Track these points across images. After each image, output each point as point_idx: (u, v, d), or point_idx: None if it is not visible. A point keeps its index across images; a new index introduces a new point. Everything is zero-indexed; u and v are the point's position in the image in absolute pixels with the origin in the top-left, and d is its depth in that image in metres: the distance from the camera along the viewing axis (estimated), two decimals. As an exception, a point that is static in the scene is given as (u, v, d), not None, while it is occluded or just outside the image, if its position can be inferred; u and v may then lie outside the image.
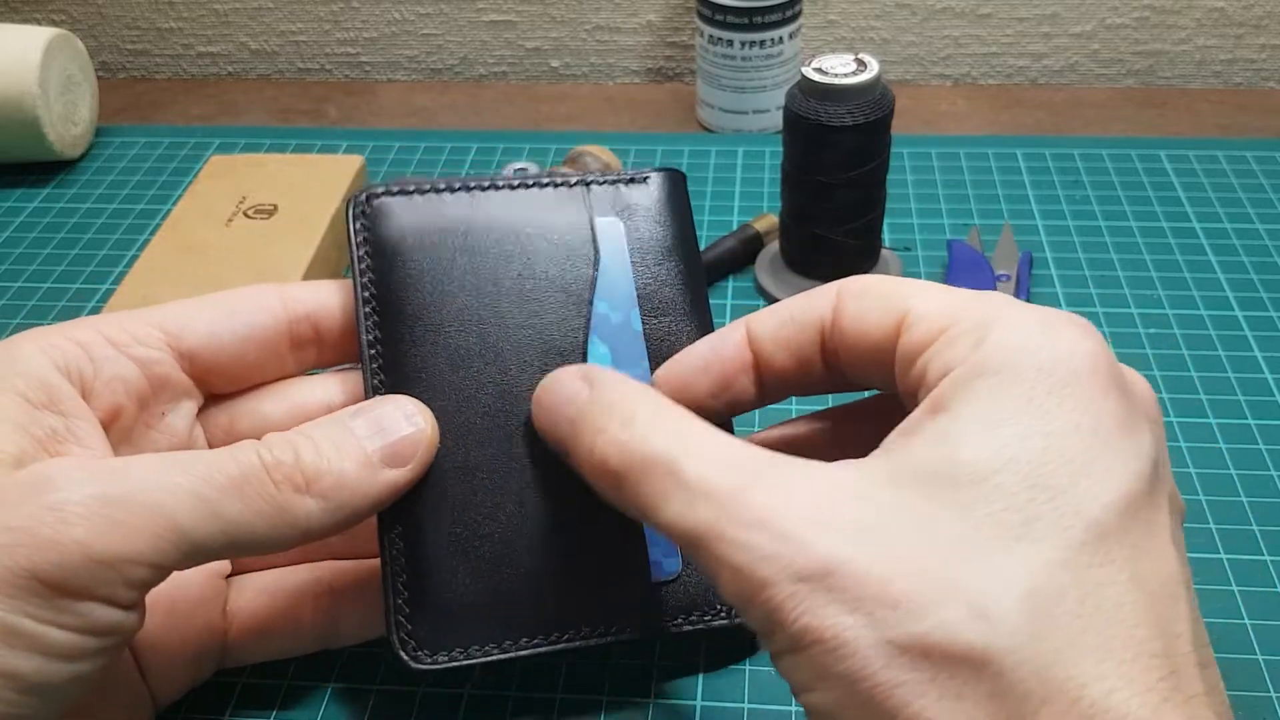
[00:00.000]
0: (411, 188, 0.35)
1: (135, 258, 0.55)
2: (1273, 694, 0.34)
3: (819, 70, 0.46)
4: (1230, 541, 0.39)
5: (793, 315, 0.31)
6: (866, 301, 0.29)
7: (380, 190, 0.35)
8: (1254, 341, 0.48)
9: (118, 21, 0.76)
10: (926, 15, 0.71)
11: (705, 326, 0.36)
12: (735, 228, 0.54)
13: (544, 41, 0.74)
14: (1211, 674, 0.24)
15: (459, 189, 0.35)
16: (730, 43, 0.62)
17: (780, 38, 0.62)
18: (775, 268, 0.52)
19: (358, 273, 0.34)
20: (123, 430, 0.31)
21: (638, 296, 0.35)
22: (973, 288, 0.51)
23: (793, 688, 0.25)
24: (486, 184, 0.36)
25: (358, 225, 0.34)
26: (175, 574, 0.31)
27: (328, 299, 0.34)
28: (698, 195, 0.58)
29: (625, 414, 0.28)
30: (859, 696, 0.23)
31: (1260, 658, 0.35)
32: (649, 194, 0.37)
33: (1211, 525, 0.40)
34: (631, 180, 0.37)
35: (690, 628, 0.33)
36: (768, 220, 0.54)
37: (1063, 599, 0.23)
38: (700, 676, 0.35)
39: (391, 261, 0.34)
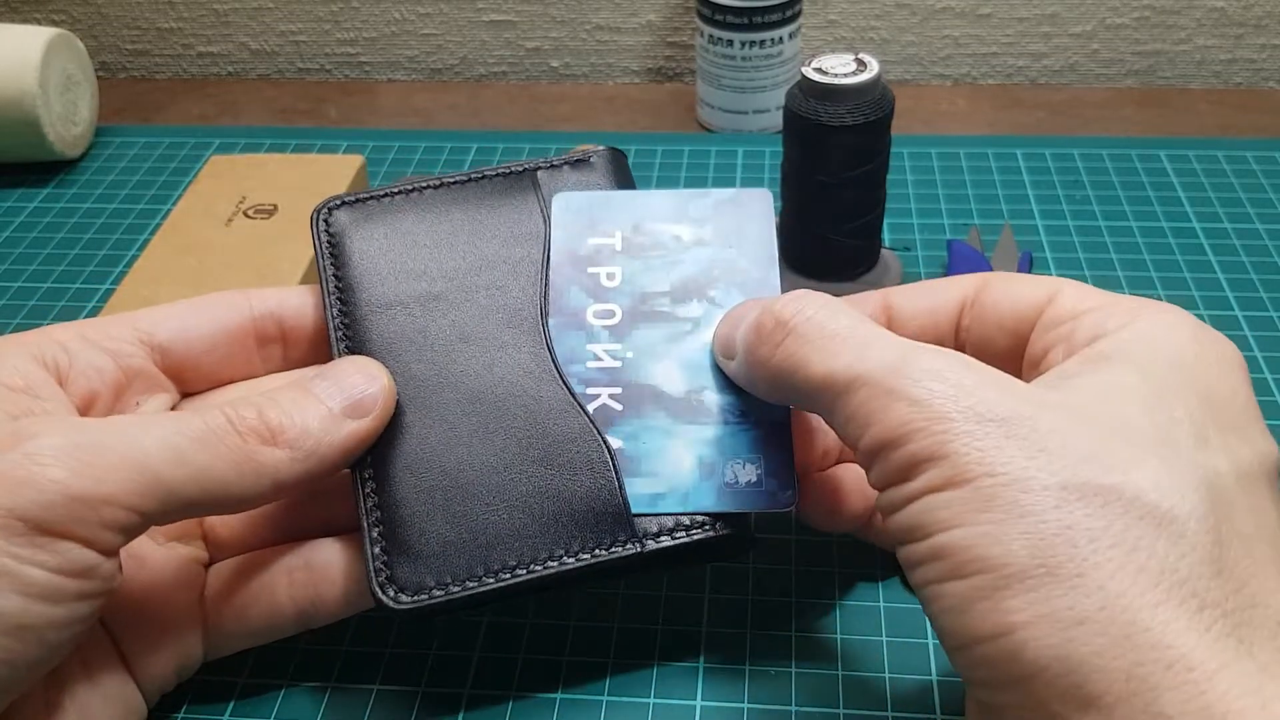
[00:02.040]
0: (368, 195, 0.39)
1: (135, 258, 0.55)
2: None
3: (819, 70, 0.46)
4: (1230, 541, 0.39)
5: (935, 288, 0.34)
6: (1016, 282, 0.32)
7: (339, 201, 0.39)
8: (1254, 342, 0.48)
9: (118, 21, 0.76)
10: (926, 15, 0.71)
11: None
12: (735, 228, 0.54)
13: (544, 41, 0.74)
14: None
15: (411, 190, 0.39)
16: (730, 43, 0.62)
17: (780, 38, 0.62)
18: (775, 268, 0.52)
19: (324, 274, 0.37)
20: (97, 417, 0.33)
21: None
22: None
23: (926, 529, 0.25)
24: (437, 183, 0.40)
25: (322, 233, 0.38)
26: (150, 558, 0.33)
27: (292, 298, 0.37)
28: (698, 195, 0.58)
29: (800, 295, 0.31)
30: (1022, 529, 0.23)
31: (1260, 658, 0.35)
32: (594, 173, 0.40)
33: (1211, 525, 0.40)
34: (578, 162, 0.40)
35: (672, 542, 0.33)
36: (768, 220, 0.54)
37: (1235, 506, 0.25)
38: (700, 676, 0.35)
39: (354, 262, 0.37)
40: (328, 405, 0.32)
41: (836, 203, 0.48)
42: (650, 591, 0.38)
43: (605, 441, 0.34)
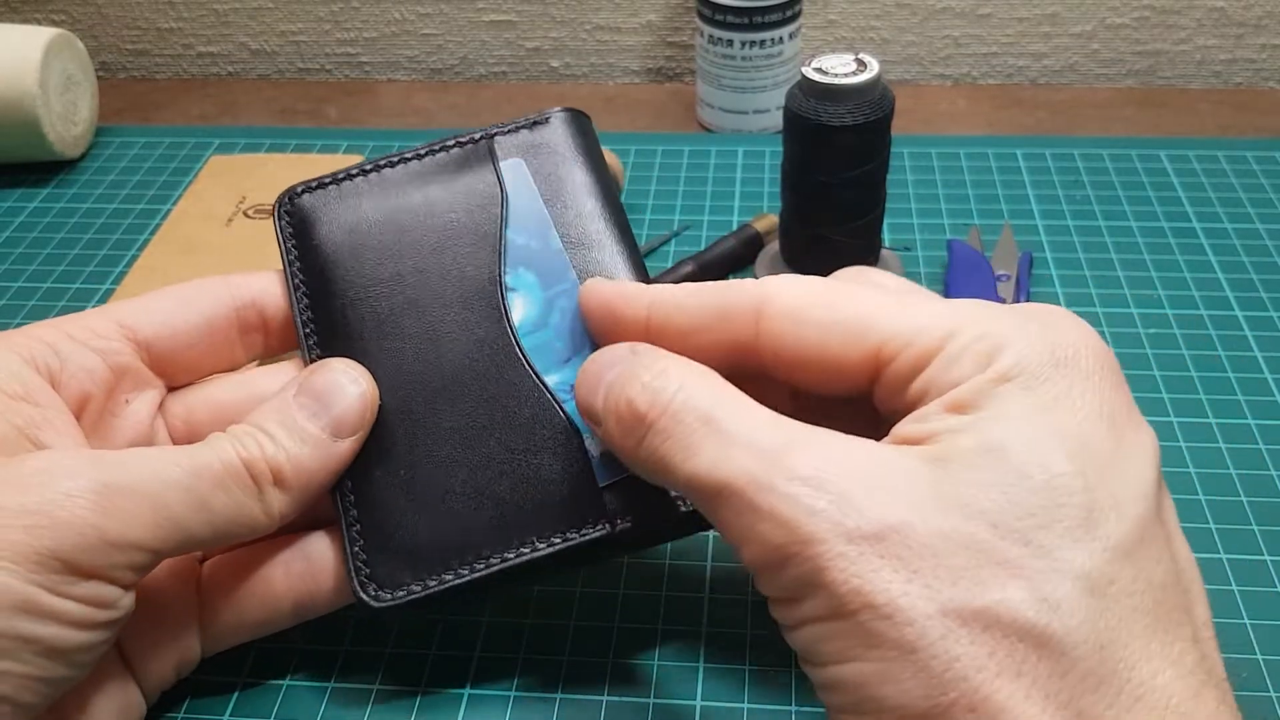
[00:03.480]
0: (328, 180, 0.39)
1: (135, 258, 0.55)
2: (1273, 694, 0.34)
3: (819, 70, 0.46)
4: (1230, 541, 0.39)
5: (706, 329, 0.30)
6: (810, 331, 0.28)
7: (300, 189, 0.38)
8: (1254, 341, 0.48)
9: (118, 21, 0.76)
10: (926, 15, 0.71)
11: (633, 257, 0.37)
12: (735, 228, 0.54)
13: (544, 41, 0.74)
14: (1218, 651, 0.25)
15: (370, 170, 0.39)
16: (730, 43, 0.62)
17: (780, 38, 0.62)
18: (775, 268, 0.52)
19: (287, 264, 0.37)
20: (91, 418, 0.33)
21: (556, 228, 0.37)
22: (973, 287, 0.51)
23: (818, 659, 0.24)
24: (396, 159, 0.39)
25: (283, 224, 0.38)
26: None
27: (271, 286, 0.37)
28: (698, 195, 0.58)
29: (661, 368, 0.28)
30: (911, 667, 0.22)
31: (1260, 658, 0.35)
32: (553, 133, 0.39)
33: (1211, 525, 0.40)
34: (535, 123, 0.39)
35: (639, 520, 0.33)
36: (768, 220, 0.54)
37: (1118, 579, 0.23)
38: (700, 676, 0.35)
39: (316, 249, 0.37)
40: (317, 431, 0.32)
41: (836, 203, 0.48)
42: (650, 592, 0.38)
43: (571, 421, 0.34)
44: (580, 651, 0.36)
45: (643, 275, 0.37)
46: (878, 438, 0.26)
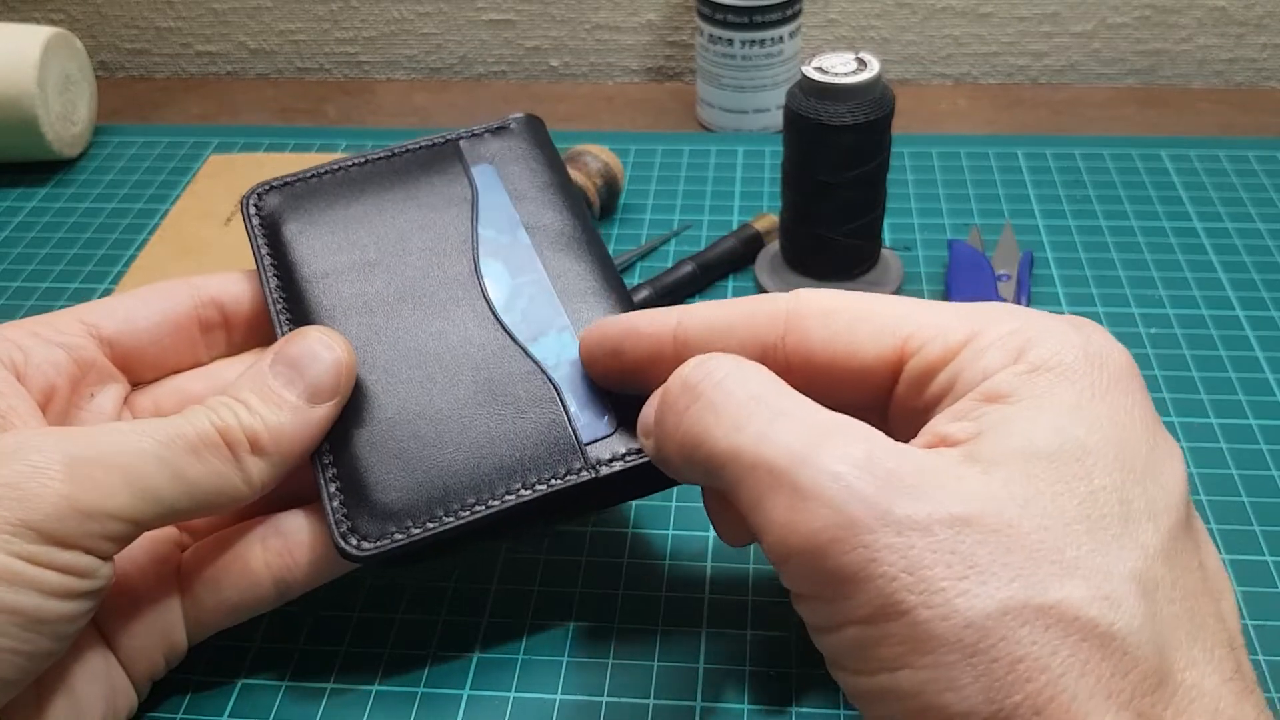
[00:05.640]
0: (296, 177, 0.40)
1: (134, 257, 0.55)
2: (1273, 694, 0.34)
3: (819, 69, 0.46)
4: (1230, 541, 0.39)
5: (732, 328, 0.30)
6: (840, 324, 0.28)
7: (268, 186, 0.40)
8: (1255, 341, 0.48)
9: (116, 21, 0.76)
10: (927, 14, 0.70)
11: (602, 256, 0.38)
12: (735, 228, 0.54)
13: (544, 41, 0.74)
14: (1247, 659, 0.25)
15: (339, 169, 0.40)
16: (730, 42, 0.62)
17: (780, 37, 0.62)
18: (775, 268, 0.52)
19: (259, 257, 0.38)
20: (57, 410, 0.34)
21: (523, 225, 0.39)
22: (973, 287, 0.51)
23: (862, 665, 0.23)
24: (363, 160, 0.41)
25: (253, 219, 0.39)
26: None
27: (232, 284, 0.38)
28: (698, 195, 0.58)
29: (714, 356, 0.28)
30: (972, 671, 0.21)
31: (1260, 658, 0.35)
32: (515, 139, 0.41)
33: (1212, 525, 0.40)
34: (499, 129, 0.41)
35: (624, 466, 0.33)
36: (768, 220, 0.54)
37: (1162, 583, 0.23)
38: (700, 676, 0.35)
39: (288, 241, 0.38)
40: (293, 399, 0.33)
41: (836, 203, 0.48)
42: (650, 592, 0.38)
43: (550, 377, 0.35)
44: (580, 651, 0.36)
45: (609, 268, 0.38)
46: None
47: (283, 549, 0.34)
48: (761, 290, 0.51)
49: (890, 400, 0.28)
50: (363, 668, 0.36)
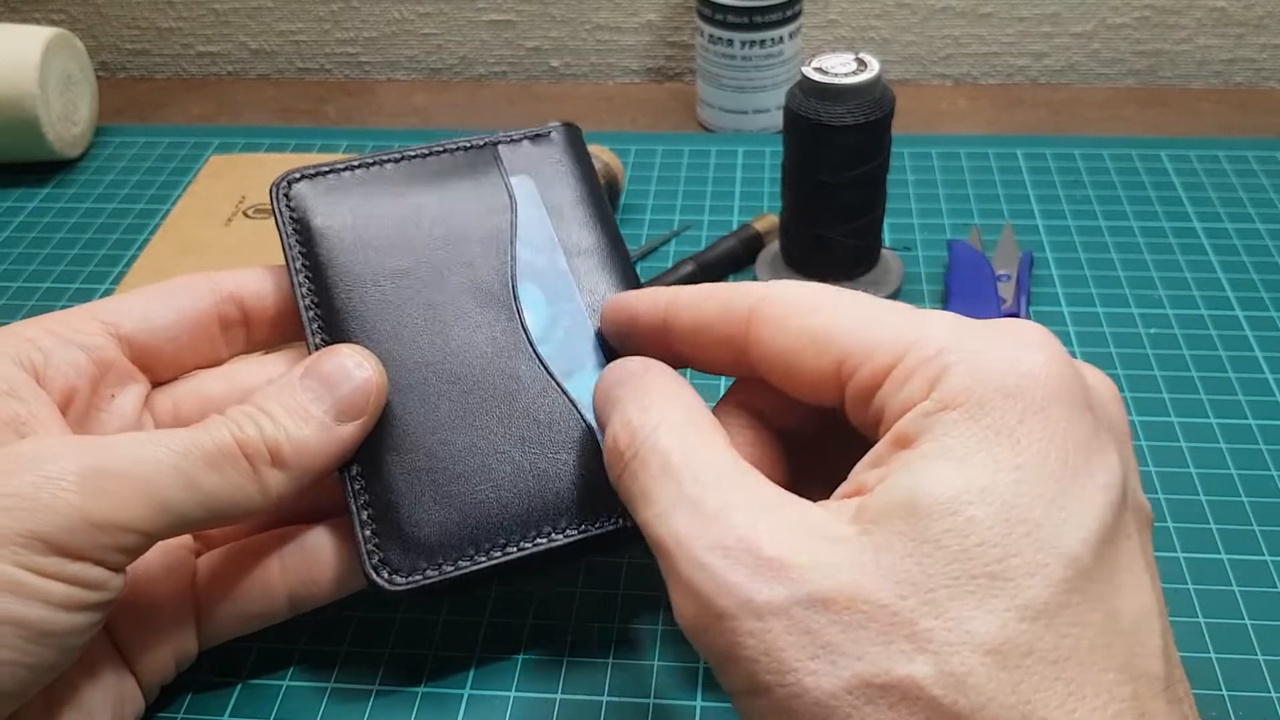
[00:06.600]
0: (327, 168, 0.38)
1: (135, 258, 0.55)
2: (1273, 694, 0.34)
3: (819, 70, 0.46)
4: (1230, 541, 0.39)
5: (709, 321, 0.30)
6: (791, 333, 0.28)
7: (298, 174, 0.38)
8: (1254, 341, 0.48)
9: (117, 21, 0.76)
10: (927, 15, 0.71)
11: (625, 266, 0.38)
12: (735, 228, 0.54)
13: (544, 41, 0.74)
14: (1183, 706, 0.23)
15: (372, 164, 0.38)
16: (730, 42, 0.62)
17: (780, 37, 0.62)
18: (775, 268, 0.52)
19: (288, 248, 0.36)
20: (77, 412, 0.33)
21: (561, 247, 0.37)
22: (973, 288, 0.51)
23: None
24: (398, 156, 0.39)
25: (283, 207, 0.37)
26: None
27: (252, 281, 0.37)
28: (698, 195, 0.58)
29: (646, 404, 0.28)
30: None
31: (1260, 658, 0.35)
32: (554, 148, 0.40)
33: (1211, 525, 0.40)
34: (537, 136, 0.40)
35: None
36: (768, 220, 0.54)
37: (1035, 647, 0.22)
38: (700, 676, 0.35)
39: (320, 234, 0.37)
40: (319, 415, 0.32)
41: (836, 203, 0.48)
42: (650, 592, 0.38)
43: (584, 418, 0.34)
44: (580, 651, 0.36)
45: (635, 285, 0.37)
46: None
47: (302, 567, 0.34)
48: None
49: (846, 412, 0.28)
50: (363, 668, 0.36)
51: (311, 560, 0.34)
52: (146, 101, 0.72)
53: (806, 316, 0.28)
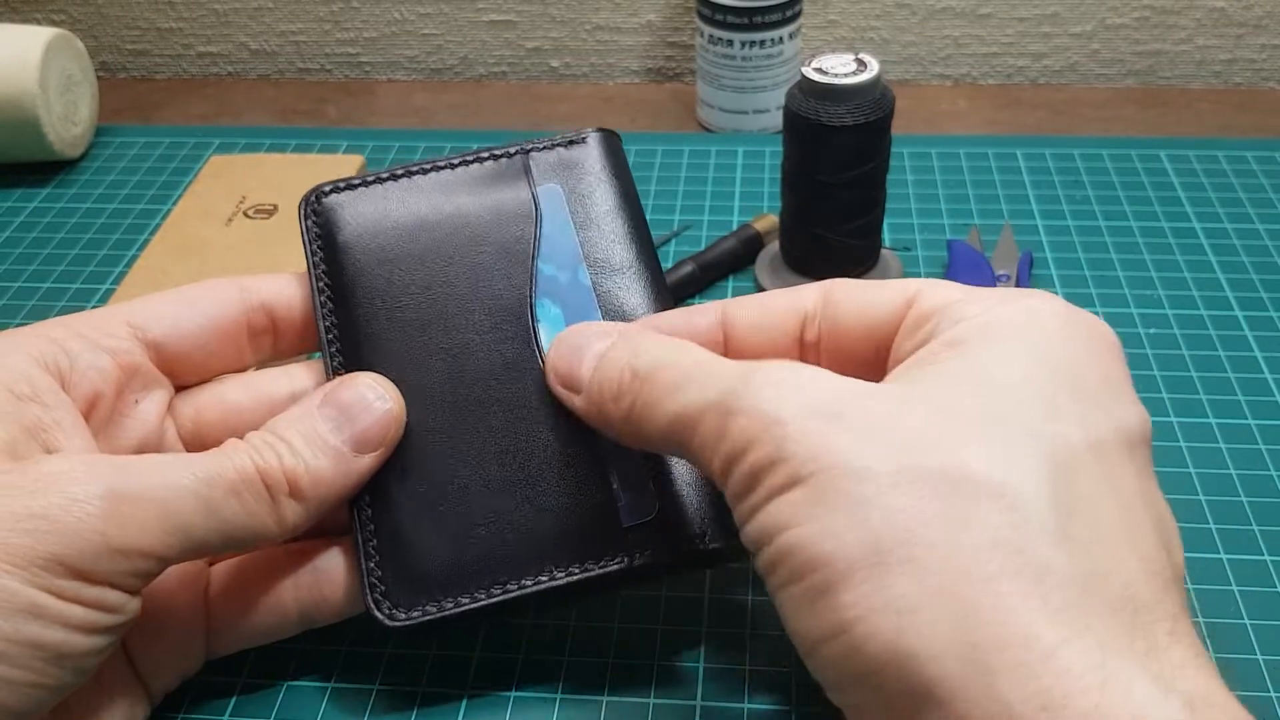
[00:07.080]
0: (358, 181, 0.38)
1: (135, 258, 0.55)
2: (1273, 694, 0.34)
3: (819, 70, 0.46)
4: (1230, 541, 0.39)
5: (775, 303, 0.32)
6: (865, 290, 0.31)
7: (329, 188, 0.37)
8: (1254, 341, 0.48)
9: (118, 21, 0.76)
10: (926, 15, 0.71)
11: (658, 281, 0.37)
12: (735, 228, 0.54)
13: (544, 41, 0.74)
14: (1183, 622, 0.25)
15: (401, 175, 0.38)
16: (730, 43, 0.62)
17: (780, 38, 0.62)
18: (775, 268, 0.52)
19: (312, 265, 0.36)
20: (100, 418, 0.33)
21: (585, 255, 0.37)
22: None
23: (770, 530, 0.25)
24: (429, 166, 0.38)
25: (309, 223, 0.37)
26: None
27: (283, 289, 0.37)
28: (698, 195, 0.58)
29: (642, 337, 0.31)
30: (855, 524, 0.23)
31: (1260, 658, 0.35)
32: (589, 153, 0.39)
33: (1211, 525, 0.40)
34: (571, 142, 0.39)
35: (657, 558, 0.33)
36: (768, 220, 0.54)
37: (1082, 471, 0.24)
38: (700, 676, 0.35)
39: (342, 251, 0.36)
40: (337, 445, 0.32)
41: (836, 203, 0.48)
42: (650, 592, 0.38)
43: (597, 452, 0.34)
44: (580, 651, 0.36)
45: (667, 304, 0.36)
46: None
47: (313, 585, 0.34)
48: (761, 291, 0.51)
49: (889, 354, 0.30)
50: (363, 668, 0.36)
51: (324, 579, 0.34)
52: (147, 102, 0.72)
53: (878, 281, 0.32)
